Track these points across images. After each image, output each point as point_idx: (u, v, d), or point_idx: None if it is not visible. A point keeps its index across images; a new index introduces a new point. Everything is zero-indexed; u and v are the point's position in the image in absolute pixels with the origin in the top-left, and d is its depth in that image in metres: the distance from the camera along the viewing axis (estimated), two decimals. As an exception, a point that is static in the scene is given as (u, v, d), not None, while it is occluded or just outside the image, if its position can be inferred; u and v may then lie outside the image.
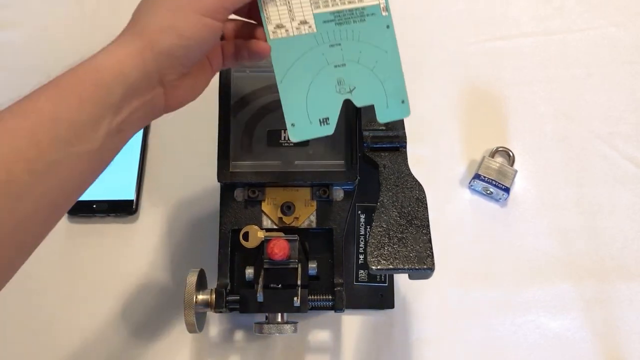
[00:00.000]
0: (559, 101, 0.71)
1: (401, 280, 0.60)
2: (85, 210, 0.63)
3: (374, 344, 0.59)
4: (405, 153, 0.50)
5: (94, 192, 0.63)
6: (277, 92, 0.45)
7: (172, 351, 0.58)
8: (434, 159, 0.67)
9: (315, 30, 0.45)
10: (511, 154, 0.67)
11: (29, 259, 0.37)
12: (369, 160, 0.50)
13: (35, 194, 0.34)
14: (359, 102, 0.47)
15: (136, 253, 0.62)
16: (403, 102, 0.47)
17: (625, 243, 0.63)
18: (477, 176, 0.64)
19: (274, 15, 0.45)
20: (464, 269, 0.62)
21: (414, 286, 0.60)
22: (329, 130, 0.46)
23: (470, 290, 0.61)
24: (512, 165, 0.66)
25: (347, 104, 0.46)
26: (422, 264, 0.43)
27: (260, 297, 0.49)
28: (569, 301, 0.60)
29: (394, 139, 0.50)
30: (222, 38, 0.45)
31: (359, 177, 0.52)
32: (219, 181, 0.53)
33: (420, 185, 0.47)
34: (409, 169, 0.48)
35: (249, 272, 0.51)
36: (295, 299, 0.49)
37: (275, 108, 0.54)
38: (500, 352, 0.58)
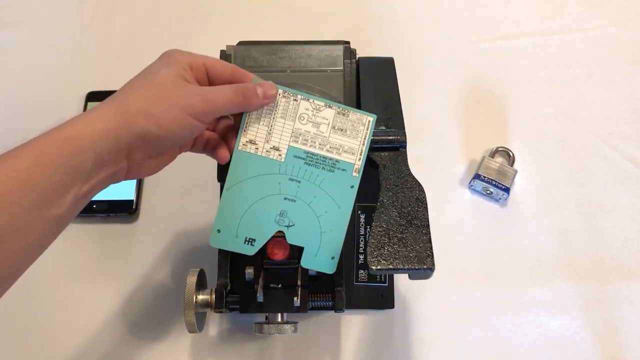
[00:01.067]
0: (559, 101, 0.71)
1: (401, 280, 0.60)
2: (85, 210, 0.62)
3: (374, 344, 0.58)
4: (405, 153, 0.50)
5: (94, 192, 0.63)
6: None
7: (172, 351, 0.58)
8: (434, 159, 0.67)
9: (283, 160, 0.46)
10: (511, 154, 0.67)
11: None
12: (369, 160, 0.50)
13: (1, 255, 0.34)
14: (290, 239, 0.47)
15: (136, 253, 0.62)
16: (333, 258, 0.47)
17: (625, 243, 0.63)
18: (477, 176, 0.64)
19: (251, 131, 0.46)
20: (464, 269, 0.62)
21: (414, 286, 0.60)
22: (251, 251, 0.47)
23: (470, 290, 0.61)
24: (512, 165, 0.66)
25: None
26: (422, 264, 0.43)
27: (260, 297, 0.49)
28: (569, 301, 0.60)
29: (393, 139, 0.50)
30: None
31: (359, 177, 0.52)
32: (219, 181, 0.53)
33: (420, 185, 0.47)
34: (409, 169, 0.48)
35: (249, 272, 0.51)
36: (295, 299, 0.49)
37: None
38: (500, 352, 0.58)
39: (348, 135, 0.47)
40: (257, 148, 0.46)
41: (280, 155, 0.46)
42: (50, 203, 0.36)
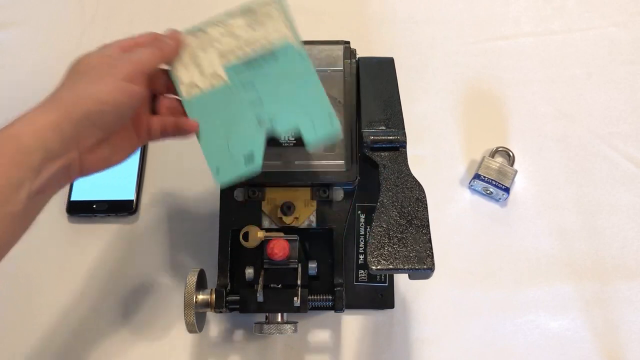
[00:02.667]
0: (559, 101, 0.71)
1: (401, 280, 0.60)
2: (85, 210, 0.63)
3: (374, 344, 0.58)
4: (405, 153, 0.50)
5: (94, 192, 0.63)
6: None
7: (172, 351, 0.58)
8: (434, 159, 0.67)
9: (227, 80, 0.46)
10: (511, 154, 0.67)
11: (29, 258, 0.37)
12: (369, 160, 0.50)
13: None
14: (282, 128, 0.46)
15: (136, 253, 0.62)
16: (330, 115, 0.46)
17: (625, 243, 0.63)
18: (477, 176, 0.64)
19: (184, 76, 0.46)
20: (464, 269, 0.62)
21: (414, 286, 0.60)
22: (256, 167, 0.46)
23: (470, 290, 0.61)
24: (512, 165, 0.66)
25: (348, 108, 0.46)
26: (422, 264, 0.43)
27: (260, 297, 0.49)
28: (569, 301, 0.60)
29: (393, 139, 0.50)
30: (155, 112, 0.46)
31: (359, 177, 0.52)
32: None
33: (420, 185, 0.47)
34: (409, 169, 0.48)
35: (249, 272, 0.51)
36: (295, 299, 0.49)
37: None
38: (500, 352, 0.58)
39: (266, 24, 0.47)
40: (199, 87, 0.46)
41: (223, 79, 0.46)
42: (3, 200, 0.36)
